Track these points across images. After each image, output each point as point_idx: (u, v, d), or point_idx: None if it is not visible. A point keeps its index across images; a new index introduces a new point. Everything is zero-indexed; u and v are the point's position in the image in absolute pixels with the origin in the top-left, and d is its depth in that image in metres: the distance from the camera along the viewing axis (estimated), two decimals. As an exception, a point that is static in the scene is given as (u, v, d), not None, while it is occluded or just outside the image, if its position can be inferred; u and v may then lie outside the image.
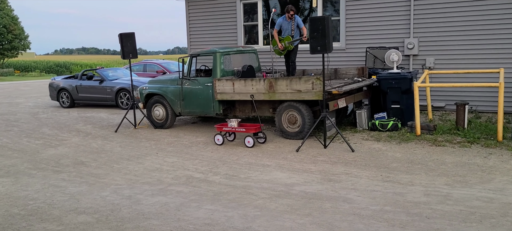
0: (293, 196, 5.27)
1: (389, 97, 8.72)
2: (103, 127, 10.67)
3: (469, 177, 5.74)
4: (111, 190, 5.76)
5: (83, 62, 49.20)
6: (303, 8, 11.68)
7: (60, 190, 5.80)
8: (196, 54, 9.46)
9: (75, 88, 14.38)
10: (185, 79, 9.42)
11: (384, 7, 10.30)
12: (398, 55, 9.08)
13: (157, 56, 71.14)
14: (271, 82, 8.24)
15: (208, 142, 8.52)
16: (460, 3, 9.56)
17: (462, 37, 9.65)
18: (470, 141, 7.39)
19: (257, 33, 12.16)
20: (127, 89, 13.53)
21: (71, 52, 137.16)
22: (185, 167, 6.76)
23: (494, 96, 9.39)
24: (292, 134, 8.32)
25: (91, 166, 7.02)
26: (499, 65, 9.24)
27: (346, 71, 9.67)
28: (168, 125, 9.97)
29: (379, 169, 6.24)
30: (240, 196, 5.36)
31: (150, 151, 7.98)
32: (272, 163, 6.81)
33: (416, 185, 5.49)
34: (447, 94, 9.91)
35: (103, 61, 55.40)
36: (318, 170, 6.31)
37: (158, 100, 9.95)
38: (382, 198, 5.09)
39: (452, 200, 4.93)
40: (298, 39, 9.21)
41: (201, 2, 12.56)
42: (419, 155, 6.88)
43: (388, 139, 7.94)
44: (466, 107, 7.97)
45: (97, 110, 13.66)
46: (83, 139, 9.25)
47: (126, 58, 9.91)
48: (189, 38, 12.94)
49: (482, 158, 6.52)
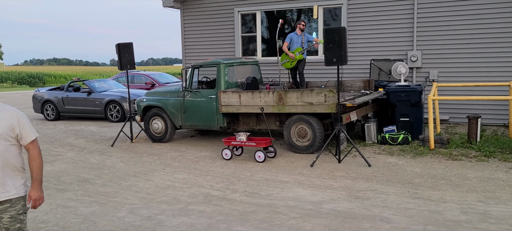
0: (325, 215, 4.99)
1: (398, 110, 8.59)
2: (96, 140, 10.16)
3: (499, 192, 5.60)
4: (127, 210, 5.34)
5: (56, 73, 47.79)
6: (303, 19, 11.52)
7: (70, 211, 5.34)
8: (198, 65, 9.13)
9: (61, 100, 13.77)
10: (187, 91, 9.06)
11: (387, 19, 10.23)
12: (405, 68, 8.99)
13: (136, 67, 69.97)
14: (281, 95, 7.98)
15: (214, 156, 8.17)
16: (462, 17, 9.58)
17: (465, 50, 9.66)
18: (486, 155, 7.29)
19: (255, 45, 11.92)
20: (117, 102, 13.03)
21: (41, 62, 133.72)
22: (199, 184, 6.40)
23: (499, 109, 9.41)
24: (301, 148, 8.06)
25: (96, 184, 6.57)
26: (502, 78, 9.26)
27: (351, 84, 9.52)
28: (167, 139, 9.57)
29: (404, 185, 6.03)
30: (269, 215, 5.04)
31: (155, 166, 7.57)
32: (290, 179, 6.53)
33: (448, 202, 5.30)
34: (451, 107, 9.88)
35: (78, 72, 54.07)
36: (341, 186, 6.06)
37: (157, 113, 9.54)
38: (420, 216, 4.87)
39: (493, 218, 4.75)
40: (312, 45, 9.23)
41: (197, 12, 12.26)
42: (439, 169, 6.72)
43: (401, 153, 7.78)
44: (478, 121, 7.90)
45: (85, 123, 13.09)
46: (79, 154, 8.74)
47: (124, 69, 9.49)
48: (184, 49, 12.58)
49: (504, 173, 6.42)
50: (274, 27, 11.67)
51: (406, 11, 10.02)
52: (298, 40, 9.29)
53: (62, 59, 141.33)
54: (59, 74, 47.74)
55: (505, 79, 9.18)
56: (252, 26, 11.95)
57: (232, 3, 11.80)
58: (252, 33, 11.87)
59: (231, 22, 11.90)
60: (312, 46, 9.31)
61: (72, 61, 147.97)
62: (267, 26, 11.80)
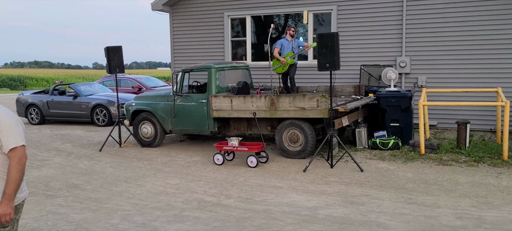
0: (321, 221, 4.98)
1: (388, 116, 8.65)
2: (83, 145, 9.99)
3: (491, 198, 5.66)
4: (120, 216, 5.24)
5: (38, 76, 46.97)
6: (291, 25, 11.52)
7: (62, 218, 5.22)
8: (189, 69, 9.06)
9: (46, 104, 13.50)
10: (177, 95, 8.98)
11: (376, 25, 10.32)
12: (395, 74, 9.07)
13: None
14: (273, 100, 7.96)
15: (205, 161, 8.09)
16: (450, 23, 9.73)
17: (452, 56, 9.80)
18: (476, 160, 7.39)
19: (244, 49, 11.89)
20: (104, 105, 12.84)
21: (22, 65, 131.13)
22: (192, 190, 6.32)
23: (486, 115, 9.56)
24: (293, 153, 8.05)
25: (87, 190, 6.44)
26: (489, 84, 9.42)
27: (342, 89, 9.56)
28: (157, 143, 9.46)
29: (397, 190, 6.06)
30: (266, 222, 5.00)
31: (146, 171, 7.46)
32: (283, 184, 6.50)
33: (443, 207, 5.34)
34: (439, 113, 10.00)
35: (60, 75, 53.24)
36: (335, 192, 6.05)
37: (146, 118, 9.43)
38: (416, 222, 4.90)
39: (488, 223, 4.80)
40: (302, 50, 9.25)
41: (187, 15, 12.18)
42: (430, 174, 6.78)
43: (392, 158, 7.82)
44: (467, 126, 8.00)
45: (70, 127, 12.86)
46: (67, 159, 8.57)
47: (113, 72, 9.36)
48: (173, 52, 12.48)
49: (494, 178, 6.50)
50: (263, 32, 11.68)
51: (395, 17, 10.13)
52: (288, 46, 9.31)
53: (43, 62, 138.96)
54: (41, 77, 46.93)
55: (492, 86, 9.33)
56: (239, 30, 11.93)
57: (222, 7, 11.76)
58: (242, 38, 11.84)
59: (221, 26, 11.86)
60: (303, 50, 9.34)
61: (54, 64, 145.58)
62: (255, 30, 11.78)
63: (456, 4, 9.63)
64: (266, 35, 11.58)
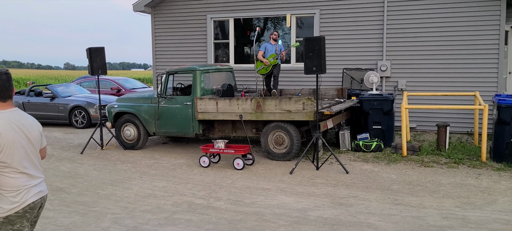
0: (313, 222, 5.05)
1: (371, 118, 8.83)
2: (63, 147, 9.79)
3: (473, 198, 5.86)
4: (110, 220, 5.19)
5: (8, 76, 45.60)
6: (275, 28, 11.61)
7: (49, 222, 5.12)
8: (173, 71, 9.01)
9: (22, 105, 13.17)
10: (162, 97, 8.92)
11: (358, 29, 10.51)
12: (377, 77, 9.26)
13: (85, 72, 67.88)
14: (259, 102, 8.01)
15: (191, 164, 8.07)
16: (430, 29, 9.99)
17: (431, 61, 10.07)
18: (456, 162, 7.62)
19: (227, 51, 11.91)
20: (83, 107, 12.63)
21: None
22: (181, 192, 6.30)
23: (464, 118, 9.86)
24: (279, 155, 8.12)
25: (72, 193, 6.33)
26: (467, 88, 9.72)
27: (325, 92, 9.69)
28: (140, 146, 9.37)
29: (383, 192, 6.20)
30: (258, 224, 5.04)
31: (131, 174, 7.39)
32: (271, 186, 6.55)
33: (428, 208, 5.50)
34: (419, 116, 10.25)
35: (32, 76, 51.92)
36: (323, 193, 6.15)
37: (129, 120, 9.33)
38: (404, 222, 5.03)
39: (472, 223, 4.97)
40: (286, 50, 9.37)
41: (169, 17, 12.10)
42: (413, 176, 6.96)
43: (375, 160, 7.99)
44: (447, 129, 8.24)
45: (48, 129, 12.56)
46: (47, 161, 8.38)
47: (95, 74, 9.22)
48: (155, 54, 12.37)
49: (474, 179, 6.72)
50: (244, 35, 11.72)
51: (376, 22, 10.34)
52: (272, 49, 9.43)
53: (12, 62, 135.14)
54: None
55: (469, 89, 9.63)
56: (218, 32, 11.93)
57: (204, 9, 11.75)
58: (225, 40, 11.85)
59: (204, 28, 11.83)
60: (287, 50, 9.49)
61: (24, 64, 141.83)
62: (235, 33, 11.80)
63: (436, 11, 9.91)
64: (247, 38, 11.64)
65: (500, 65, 9.61)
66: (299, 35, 11.03)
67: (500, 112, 7.31)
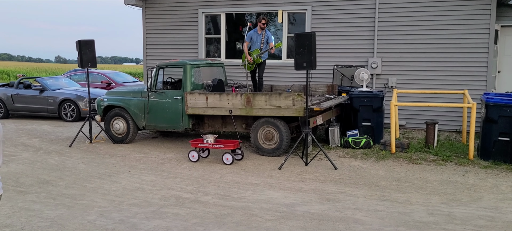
0: (300, 217, 5.06)
1: (361, 115, 8.85)
2: (52, 140, 9.72)
3: (459, 195, 5.91)
4: (97, 213, 5.16)
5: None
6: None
7: (35, 214, 5.08)
8: (163, 65, 8.97)
9: (11, 97, 13.06)
10: (151, 91, 8.88)
11: (349, 26, 10.53)
12: (367, 74, 9.29)
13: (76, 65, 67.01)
14: (249, 97, 8.00)
15: (180, 158, 8.05)
16: (420, 27, 10.04)
17: (421, 58, 10.12)
18: (444, 159, 7.67)
19: (218, 46, 11.87)
20: (72, 100, 12.54)
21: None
22: (169, 186, 6.29)
23: (453, 116, 9.93)
24: (268, 150, 8.12)
25: (59, 186, 6.29)
26: (456, 86, 9.79)
27: (315, 88, 9.70)
28: (129, 140, 9.32)
29: (371, 188, 6.23)
30: (245, 218, 5.04)
31: (119, 168, 7.35)
32: (260, 181, 6.56)
33: (414, 204, 5.53)
34: (407, 113, 10.31)
35: (22, 68, 51.39)
36: (311, 189, 6.16)
37: (119, 113, 9.28)
38: (390, 218, 5.06)
39: (457, 219, 5.01)
40: (267, 50, 9.08)
41: (160, 11, 12.04)
42: (401, 173, 7.00)
43: (364, 156, 8.02)
44: (436, 127, 8.30)
45: (37, 122, 12.48)
46: (35, 154, 8.33)
47: (85, 67, 9.16)
48: (146, 48, 12.30)
49: (461, 176, 6.78)
50: (236, 30, 11.68)
51: (368, 19, 10.37)
52: (257, 40, 9.06)
53: (2, 54, 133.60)
54: (0, 70, 45.14)
55: (458, 88, 9.70)
56: (210, 27, 11.89)
57: (196, 4, 11.69)
58: (217, 35, 11.81)
59: (195, 23, 11.79)
60: (269, 50, 9.10)
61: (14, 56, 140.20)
62: (227, 28, 11.76)
63: (426, 9, 9.95)
64: (239, 33, 11.60)
65: (490, 64, 9.68)
66: (291, 31, 11.02)
67: (488, 110, 7.37)
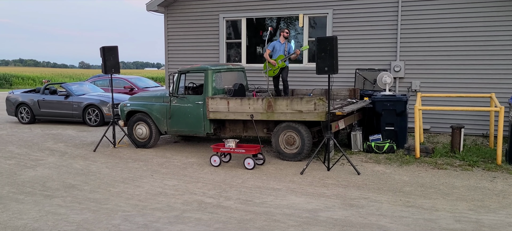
0: (323, 223, 5.01)
1: (384, 119, 8.74)
2: (77, 145, 9.89)
3: (487, 201, 5.76)
4: (121, 217, 5.21)
5: (24, 75, 46.23)
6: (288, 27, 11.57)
7: (62, 218, 5.17)
8: (185, 70, 9.04)
9: (37, 103, 13.35)
10: (173, 96, 8.95)
11: (371, 30, 10.42)
12: (390, 78, 9.17)
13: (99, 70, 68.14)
14: (270, 102, 7.99)
15: (202, 163, 8.08)
16: (445, 29, 9.86)
17: (446, 61, 9.94)
18: (470, 164, 7.50)
19: (239, 51, 11.90)
20: (96, 106, 12.74)
21: (7, 63, 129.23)
22: (191, 191, 6.31)
23: (479, 120, 9.71)
24: (289, 155, 8.08)
25: (84, 190, 6.38)
26: (482, 90, 9.57)
27: (337, 93, 9.62)
28: (152, 144, 9.41)
29: (395, 193, 6.13)
30: (267, 224, 5.02)
31: (142, 172, 7.42)
32: (281, 186, 6.52)
33: (441, 211, 5.41)
34: (432, 117, 10.12)
35: (47, 74, 52.58)
36: (334, 194, 6.10)
37: (141, 118, 9.38)
38: (416, 224, 4.96)
39: (486, 226, 4.88)
40: (291, 54, 9.18)
41: (182, 16, 12.15)
42: (426, 178, 6.86)
43: (387, 161, 7.90)
44: (462, 131, 8.12)
45: (62, 127, 12.73)
46: (61, 159, 8.48)
47: (109, 72, 9.30)
48: (167, 53, 12.43)
49: (489, 182, 6.61)
50: (256, 34, 11.69)
51: (390, 22, 10.24)
52: (280, 48, 9.32)
53: (28, 61, 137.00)
54: (27, 75, 46.21)
55: (485, 91, 9.48)
56: (231, 32, 11.93)
57: (217, 9, 11.76)
58: (237, 40, 11.84)
59: (216, 28, 11.85)
60: (293, 54, 9.29)
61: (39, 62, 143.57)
62: (247, 33, 11.78)
63: (451, 10, 9.77)
64: (260, 38, 11.62)
65: (517, 66, 9.44)
66: (312, 35, 10.98)
67: (516, 114, 7.17)
